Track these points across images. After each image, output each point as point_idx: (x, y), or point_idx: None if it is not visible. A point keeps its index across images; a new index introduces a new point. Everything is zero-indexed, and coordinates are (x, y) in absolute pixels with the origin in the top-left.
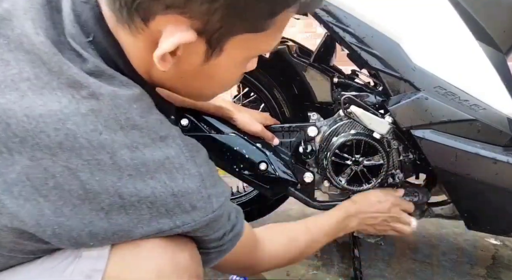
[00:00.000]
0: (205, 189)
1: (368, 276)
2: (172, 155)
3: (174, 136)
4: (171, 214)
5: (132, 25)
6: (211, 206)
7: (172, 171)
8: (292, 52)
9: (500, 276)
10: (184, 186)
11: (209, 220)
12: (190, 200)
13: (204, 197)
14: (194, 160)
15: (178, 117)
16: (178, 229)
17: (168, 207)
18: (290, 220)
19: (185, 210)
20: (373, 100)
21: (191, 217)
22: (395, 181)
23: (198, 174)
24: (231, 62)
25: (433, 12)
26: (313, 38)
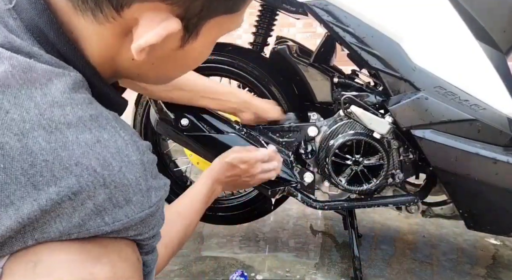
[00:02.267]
0: (145, 181)
1: (368, 276)
2: (105, 138)
3: (107, 117)
4: (99, 209)
5: (99, 13)
6: (149, 200)
7: (105, 157)
8: (292, 52)
9: (500, 276)
10: (120, 176)
11: (145, 216)
12: (126, 193)
13: (142, 190)
14: (136, 145)
15: (178, 117)
16: (107, 227)
17: (96, 201)
18: (290, 220)
19: (117, 205)
20: (373, 100)
21: (124, 213)
22: (395, 181)
23: (140, 162)
24: (204, 44)
25: (433, 12)
26: (313, 38)
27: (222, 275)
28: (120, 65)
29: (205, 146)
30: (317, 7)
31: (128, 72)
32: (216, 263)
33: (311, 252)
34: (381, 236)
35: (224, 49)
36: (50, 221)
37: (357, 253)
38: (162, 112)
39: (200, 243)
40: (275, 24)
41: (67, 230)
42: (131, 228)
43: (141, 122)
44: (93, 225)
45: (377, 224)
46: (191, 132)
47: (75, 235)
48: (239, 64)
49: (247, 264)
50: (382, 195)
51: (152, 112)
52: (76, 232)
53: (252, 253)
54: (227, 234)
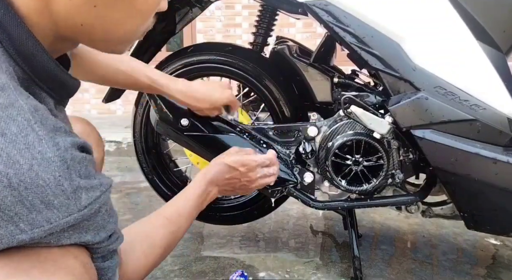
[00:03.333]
0: (70, 181)
1: (368, 276)
2: (13, 132)
3: (21, 108)
4: (9, 214)
5: None
6: (78, 202)
7: (10, 153)
8: (292, 52)
9: (500, 276)
10: (31, 175)
11: (74, 221)
12: (42, 195)
13: (66, 191)
14: (54, 141)
15: (178, 117)
16: (24, 234)
17: (2, 204)
18: (290, 220)
19: (33, 209)
20: (373, 100)
21: (44, 218)
22: (395, 181)
23: (59, 159)
24: None
25: (433, 12)
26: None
27: (222, 275)
28: (57, 11)
29: (205, 146)
30: (317, 7)
31: (69, 23)
32: (216, 263)
33: (311, 252)
34: (381, 236)
35: (224, 49)
36: None
37: (357, 253)
38: (162, 112)
39: (200, 243)
40: (275, 24)
41: None
42: (61, 235)
43: (141, 122)
44: (4, 234)
45: (377, 224)
46: (191, 132)
47: None
48: (239, 64)
49: (247, 264)
50: (382, 195)
51: (152, 112)
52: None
53: (252, 253)
54: (227, 234)
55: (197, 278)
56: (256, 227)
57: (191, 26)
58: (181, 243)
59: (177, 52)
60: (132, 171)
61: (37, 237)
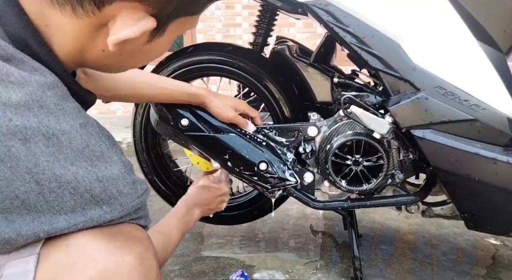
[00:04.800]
0: (129, 175)
1: (368, 276)
2: (92, 143)
3: (93, 124)
4: (97, 200)
5: (80, 8)
6: (137, 191)
7: (92, 159)
8: (292, 52)
9: (500, 276)
10: (108, 172)
11: (136, 205)
12: (117, 185)
13: (129, 183)
14: (114, 149)
15: (178, 117)
16: (107, 215)
17: (93, 192)
18: (290, 220)
19: (112, 196)
20: (373, 100)
21: (119, 202)
22: (395, 181)
23: (120, 161)
24: (168, 40)
25: (433, 12)
26: (313, 38)
27: (222, 275)
28: (88, 56)
29: (205, 146)
30: (317, 7)
31: (94, 62)
32: (216, 263)
33: (311, 252)
34: (381, 236)
35: (224, 49)
36: (55, 214)
37: (357, 253)
38: (162, 112)
39: (200, 243)
40: (275, 24)
41: (73, 220)
42: (129, 216)
43: (141, 122)
44: (94, 214)
45: (377, 224)
46: (191, 132)
47: (81, 225)
48: (239, 64)
49: (247, 264)
50: (382, 195)
51: (152, 112)
52: (82, 221)
53: (252, 253)
54: (227, 234)
55: (197, 278)
56: (256, 227)
57: None
58: (181, 243)
59: (177, 52)
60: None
61: (115, 217)
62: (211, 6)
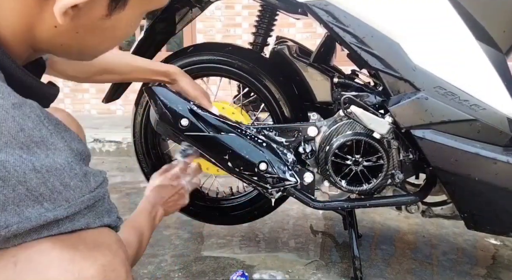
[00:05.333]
0: (79, 166)
1: (368, 276)
2: (29, 127)
3: (32, 106)
4: (35, 195)
5: None
6: (89, 184)
7: (29, 145)
8: (292, 52)
9: (500, 276)
10: (49, 161)
11: (88, 201)
12: (61, 177)
13: (78, 174)
14: (61, 135)
15: (178, 117)
16: (49, 213)
17: (29, 185)
18: (290, 220)
19: (54, 190)
20: (373, 100)
21: (63, 198)
22: (395, 181)
23: (68, 148)
24: (131, 17)
25: (433, 12)
26: (313, 38)
27: (222, 275)
28: (39, 34)
29: (205, 146)
30: (317, 7)
31: (49, 44)
32: (216, 263)
33: (311, 252)
34: (381, 236)
35: (224, 49)
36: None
37: (357, 253)
38: (162, 112)
39: (200, 243)
40: (275, 24)
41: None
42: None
43: (141, 122)
44: (33, 213)
45: (377, 224)
46: (191, 132)
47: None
48: (239, 64)
49: (247, 264)
50: (382, 195)
51: (152, 112)
52: (16, 222)
53: (252, 253)
54: (227, 234)
55: (197, 278)
56: (256, 227)
57: (191, 26)
58: (181, 243)
59: (177, 52)
60: (132, 171)
61: (59, 215)
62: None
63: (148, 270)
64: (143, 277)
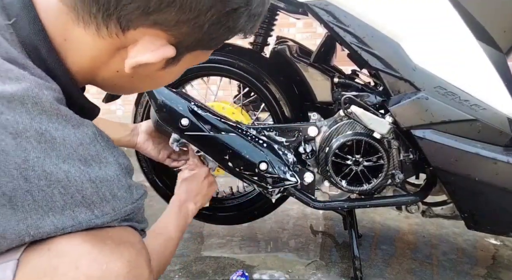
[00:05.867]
0: (125, 178)
1: (368, 276)
2: (87, 142)
3: (89, 125)
4: (88, 202)
5: (104, 28)
6: (132, 196)
7: (86, 158)
8: (292, 52)
9: (500, 276)
10: (102, 173)
11: (130, 211)
12: (110, 188)
13: (124, 186)
14: (111, 151)
15: (178, 117)
16: (98, 220)
17: (84, 194)
18: (290, 220)
19: (104, 199)
20: (374, 100)
21: (111, 206)
22: (395, 181)
23: (117, 163)
24: (179, 71)
25: (433, 12)
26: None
27: (222, 275)
28: (101, 74)
29: (205, 146)
30: (317, 7)
31: (105, 82)
32: (216, 263)
33: (311, 252)
34: (381, 236)
35: (224, 49)
36: (43, 216)
37: (357, 253)
38: (162, 112)
39: (200, 243)
40: (275, 24)
41: (61, 224)
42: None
43: (141, 122)
44: (84, 218)
45: (377, 224)
46: (191, 132)
47: (69, 229)
48: (239, 64)
49: (247, 264)
50: (382, 195)
51: (152, 112)
52: (70, 225)
53: (252, 253)
54: (227, 234)
55: (197, 278)
56: (256, 227)
57: None
58: (181, 243)
59: None
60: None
61: (105, 221)
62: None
63: None
64: None
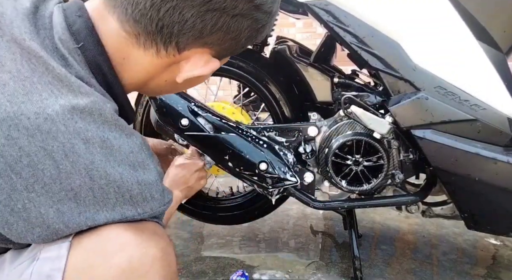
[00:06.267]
0: (161, 183)
1: (368, 276)
2: (136, 150)
3: (137, 135)
4: (134, 201)
5: (164, 51)
6: (164, 198)
7: (135, 164)
8: (292, 52)
9: (500, 276)
10: (146, 177)
11: (162, 211)
12: (151, 190)
13: (160, 190)
14: (152, 159)
15: (178, 117)
16: (139, 216)
17: (132, 193)
18: (290, 220)
19: (145, 199)
20: (374, 100)
21: (150, 206)
22: (395, 181)
23: (155, 169)
24: (209, 74)
25: (434, 12)
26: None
27: (222, 275)
28: (151, 84)
29: (205, 146)
30: (317, 7)
31: (152, 89)
32: (216, 263)
33: (311, 252)
34: (381, 236)
35: None
36: (99, 210)
37: (357, 253)
38: (162, 112)
39: (200, 243)
40: (275, 24)
41: (112, 217)
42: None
43: (141, 122)
44: (130, 214)
45: (377, 224)
46: (191, 132)
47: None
48: (239, 64)
49: (247, 264)
50: (382, 195)
51: (152, 112)
52: (118, 219)
53: (252, 253)
54: (227, 234)
55: (197, 278)
56: (256, 227)
57: None
58: (181, 243)
59: None
60: None
61: (143, 218)
62: None
63: None
64: None
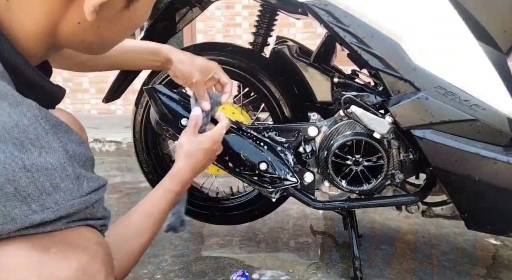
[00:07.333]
0: (73, 168)
1: (368, 276)
2: (25, 124)
3: (30, 105)
4: (23, 195)
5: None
6: (81, 188)
7: (23, 142)
8: (292, 52)
9: (500, 276)
10: (41, 160)
11: (78, 205)
12: (51, 178)
13: (70, 176)
14: (57, 135)
15: (178, 117)
16: (36, 215)
17: (18, 185)
18: (290, 220)
19: (44, 190)
20: (374, 100)
21: (53, 200)
22: (395, 181)
23: (63, 149)
24: (145, 6)
25: (433, 12)
26: (313, 38)
27: (222, 275)
28: (62, 32)
29: None
30: (317, 7)
31: (71, 39)
32: (216, 263)
33: (311, 252)
34: (381, 236)
35: (224, 49)
36: None
37: (357, 253)
38: (162, 112)
39: (200, 243)
40: (275, 24)
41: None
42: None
43: (141, 122)
44: (18, 214)
45: (377, 224)
46: None
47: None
48: (239, 64)
49: (247, 264)
50: (382, 195)
51: (152, 112)
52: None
53: (252, 253)
54: (227, 234)
55: (197, 278)
56: (256, 227)
57: (191, 26)
58: (181, 243)
59: None
60: (132, 171)
61: (46, 218)
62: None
63: (148, 270)
64: (143, 277)
